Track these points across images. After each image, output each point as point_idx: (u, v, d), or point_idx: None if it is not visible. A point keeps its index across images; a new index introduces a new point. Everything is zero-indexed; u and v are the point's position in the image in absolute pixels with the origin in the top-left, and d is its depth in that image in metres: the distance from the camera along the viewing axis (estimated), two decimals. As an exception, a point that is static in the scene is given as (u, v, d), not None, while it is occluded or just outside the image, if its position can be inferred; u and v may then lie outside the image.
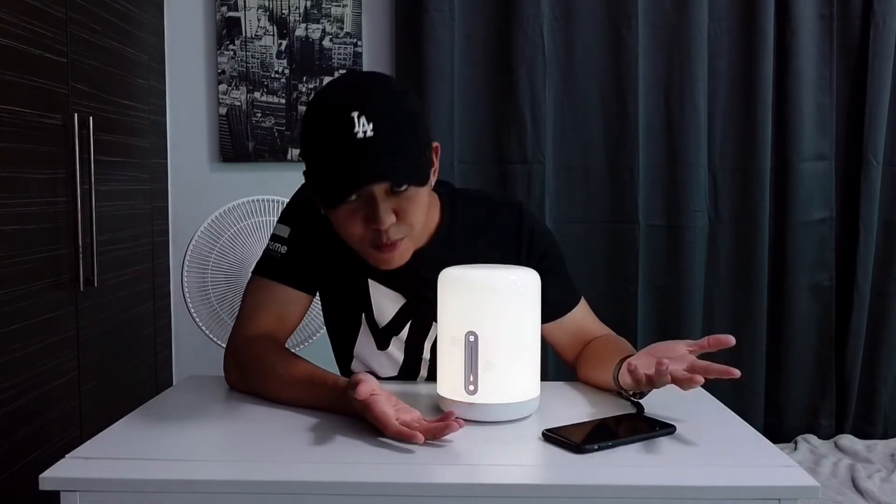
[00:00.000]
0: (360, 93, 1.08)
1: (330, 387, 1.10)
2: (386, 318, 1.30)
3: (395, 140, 1.08)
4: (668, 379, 1.02)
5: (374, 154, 1.06)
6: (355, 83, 1.14)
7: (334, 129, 1.06)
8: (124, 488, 0.87)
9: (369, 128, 1.05)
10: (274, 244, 1.29)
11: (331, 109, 1.08)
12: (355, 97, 1.07)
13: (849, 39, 2.41)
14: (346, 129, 1.05)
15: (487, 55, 2.41)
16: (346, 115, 1.05)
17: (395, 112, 1.09)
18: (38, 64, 1.70)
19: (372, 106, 1.06)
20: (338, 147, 1.06)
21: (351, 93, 1.09)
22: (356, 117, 1.05)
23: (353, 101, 1.06)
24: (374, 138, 1.05)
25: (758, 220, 2.41)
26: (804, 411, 2.46)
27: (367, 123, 1.05)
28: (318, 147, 1.10)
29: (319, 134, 1.10)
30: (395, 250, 1.16)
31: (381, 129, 1.05)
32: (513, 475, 0.90)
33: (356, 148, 1.05)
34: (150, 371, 2.36)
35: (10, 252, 1.60)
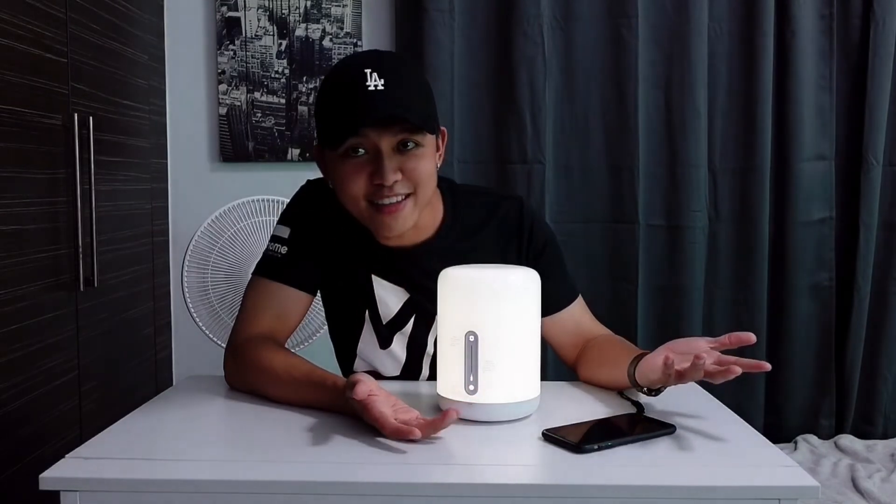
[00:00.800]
0: (374, 56, 1.17)
1: (329, 387, 1.10)
2: (390, 314, 1.31)
3: (404, 94, 1.14)
4: (702, 374, 1.01)
5: (384, 101, 1.11)
6: (371, 52, 1.22)
7: (348, 80, 1.13)
8: (124, 488, 0.87)
9: (381, 83, 1.11)
10: (274, 244, 1.29)
11: (347, 67, 1.16)
12: (370, 58, 1.16)
13: (849, 39, 2.41)
14: (359, 81, 1.11)
15: (487, 55, 2.41)
16: (360, 71, 1.12)
17: (406, 74, 1.16)
18: (38, 64, 1.70)
19: (386, 66, 1.13)
20: (349, 94, 1.12)
21: (366, 56, 1.18)
22: (369, 73, 1.11)
23: (368, 60, 1.14)
24: (385, 91, 1.11)
25: (758, 220, 2.41)
26: (804, 411, 2.46)
27: (378, 79, 1.11)
28: (330, 95, 1.17)
29: (333, 86, 1.17)
30: (399, 211, 1.18)
31: (392, 84, 1.12)
32: (513, 475, 0.90)
33: (367, 96, 1.11)
34: (150, 371, 2.36)
35: (10, 252, 1.60)
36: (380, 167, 1.14)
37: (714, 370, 1.01)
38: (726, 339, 1.06)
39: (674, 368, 1.03)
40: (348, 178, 1.17)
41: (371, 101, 1.11)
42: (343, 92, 1.14)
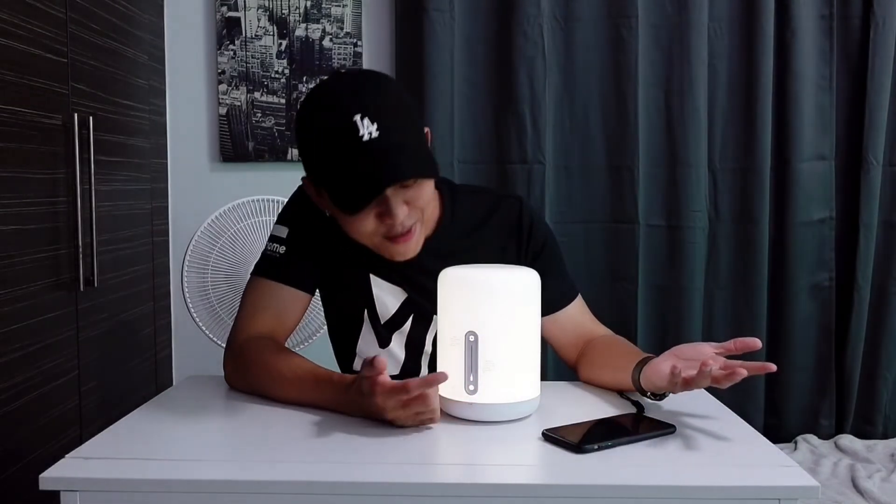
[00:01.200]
0: (357, 93, 1.09)
1: (335, 384, 1.10)
2: (388, 313, 1.31)
3: (400, 137, 1.09)
4: (709, 380, 1.01)
5: (384, 154, 1.07)
6: (349, 83, 1.13)
7: (339, 134, 1.07)
8: (124, 488, 0.87)
9: (374, 128, 1.06)
10: (272, 244, 1.30)
11: (331, 113, 1.08)
12: (354, 99, 1.08)
13: (849, 39, 2.41)
14: (351, 133, 1.06)
15: (487, 55, 2.41)
16: (348, 120, 1.06)
17: (394, 108, 1.10)
18: (38, 64, 1.70)
19: (373, 106, 1.07)
20: (346, 153, 1.07)
21: (349, 94, 1.09)
22: (359, 120, 1.06)
23: (353, 103, 1.07)
24: (380, 138, 1.06)
25: (758, 220, 2.41)
26: (804, 411, 2.46)
27: (370, 124, 1.06)
28: (326, 155, 1.11)
29: (324, 140, 1.10)
30: (411, 238, 1.18)
31: (385, 127, 1.07)
32: (513, 475, 0.90)
33: (365, 152, 1.06)
34: (150, 371, 2.36)
35: (10, 252, 1.60)
36: (389, 210, 1.12)
37: (720, 375, 1.00)
38: (731, 345, 1.06)
39: (681, 377, 1.02)
40: (357, 223, 1.15)
41: (373, 158, 1.06)
42: (339, 152, 1.07)
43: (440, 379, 0.99)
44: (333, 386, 1.10)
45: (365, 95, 1.08)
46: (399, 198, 1.13)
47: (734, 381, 0.99)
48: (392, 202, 1.12)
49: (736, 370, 0.98)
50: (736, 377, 0.98)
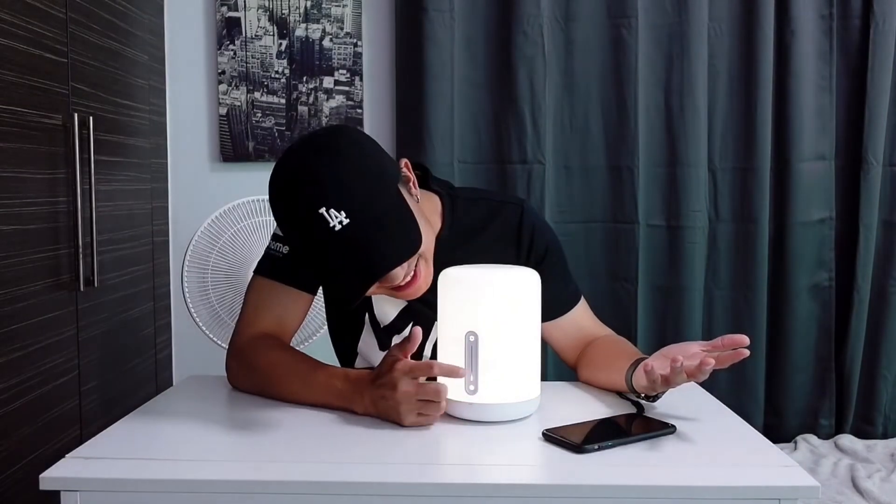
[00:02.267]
0: (318, 182, 1.04)
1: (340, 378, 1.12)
2: (387, 319, 1.31)
3: (373, 217, 1.05)
4: (684, 377, 1.02)
5: (362, 243, 1.04)
6: (309, 167, 1.07)
7: (310, 229, 1.04)
8: (124, 488, 0.87)
9: (342, 216, 1.02)
10: (275, 244, 1.29)
11: (299, 208, 1.05)
12: (316, 190, 1.04)
13: (849, 39, 2.41)
14: (321, 226, 1.03)
15: (487, 55, 2.41)
16: (314, 214, 1.02)
17: (359, 186, 1.05)
18: (38, 64, 1.70)
19: (335, 194, 1.03)
20: (322, 248, 1.05)
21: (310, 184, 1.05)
22: (325, 212, 1.02)
23: (316, 196, 1.03)
24: (352, 224, 1.02)
25: (758, 220, 2.41)
26: (804, 411, 2.46)
27: (337, 213, 1.02)
28: (304, 248, 1.09)
29: (298, 234, 1.08)
30: (417, 280, 1.14)
31: (355, 213, 1.03)
32: (513, 475, 0.90)
33: (339, 242, 1.03)
34: (150, 371, 2.36)
35: (10, 252, 1.60)
36: (387, 278, 1.09)
37: (692, 369, 1.02)
38: (719, 342, 1.07)
39: (657, 374, 1.04)
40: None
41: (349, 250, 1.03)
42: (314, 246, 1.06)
43: (461, 373, 1.03)
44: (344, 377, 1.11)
45: (327, 182, 1.04)
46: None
47: (705, 371, 1.01)
48: (388, 275, 1.09)
49: (704, 360, 1.00)
50: (705, 366, 1.00)
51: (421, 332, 1.05)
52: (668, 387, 1.07)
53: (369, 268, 1.05)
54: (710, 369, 1.01)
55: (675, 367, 1.02)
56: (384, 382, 1.04)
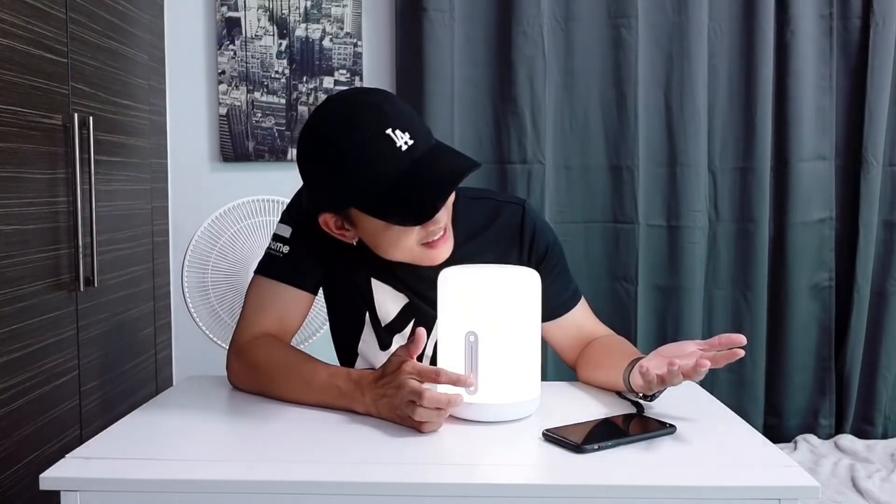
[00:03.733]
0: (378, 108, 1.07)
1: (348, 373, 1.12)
2: (389, 317, 1.31)
3: (433, 142, 1.11)
4: (680, 378, 1.03)
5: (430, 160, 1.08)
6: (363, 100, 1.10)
7: (376, 150, 1.05)
8: (124, 488, 0.87)
9: (407, 137, 1.06)
10: (276, 244, 1.29)
11: (360, 132, 1.06)
12: (378, 115, 1.06)
13: (849, 39, 2.41)
14: (388, 146, 1.05)
15: (487, 55, 2.41)
16: (381, 135, 1.05)
17: (415, 116, 1.12)
18: (38, 64, 1.70)
19: (397, 118, 1.07)
20: (391, 167, 1.06)
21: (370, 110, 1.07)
22: (391, 132, 1.06)
23: (379, 120, 1.06)
24: (416, 145, 1.07)
25: (758, 220, 2.41)
26: (804, 411, 2.46)
27: (402, 134, 1.06)
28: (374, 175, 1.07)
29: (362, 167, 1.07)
30: (447, 240, 1.18)
31: (417, 136, 1.07)
32: (513, 475, 0.90)
33: (408, 160, 1.06)
34: (150, 371, 2.36)
35: (10, 252, 1.60)
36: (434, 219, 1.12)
37: (688, 370, 1.02)
38: (716, 341, 1.07)
39: (653, 374, 1.05)
40: (402, 234, 1.14)
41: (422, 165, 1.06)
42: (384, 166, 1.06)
43: (469, 381, 1.02)
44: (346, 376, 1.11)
45: (385, 106, 1.08)
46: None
47: (700, 372, 1.01)
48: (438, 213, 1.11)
49: (699, 361, 1.00)
50: (700, 367, 1.00)
51: (425, 334, 1.05)
52: (665, 387, 1.07)
53: (446, 177, 1.07)
54: (706, 370, 1.01)
55: (672, 369, 1.02)
56: (389, 382, 1.04)
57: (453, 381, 1.02)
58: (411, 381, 1.01)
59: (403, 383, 1.02)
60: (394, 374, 1.04)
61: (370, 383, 1.07)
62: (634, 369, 1.12)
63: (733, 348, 1.03)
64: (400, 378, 1.02)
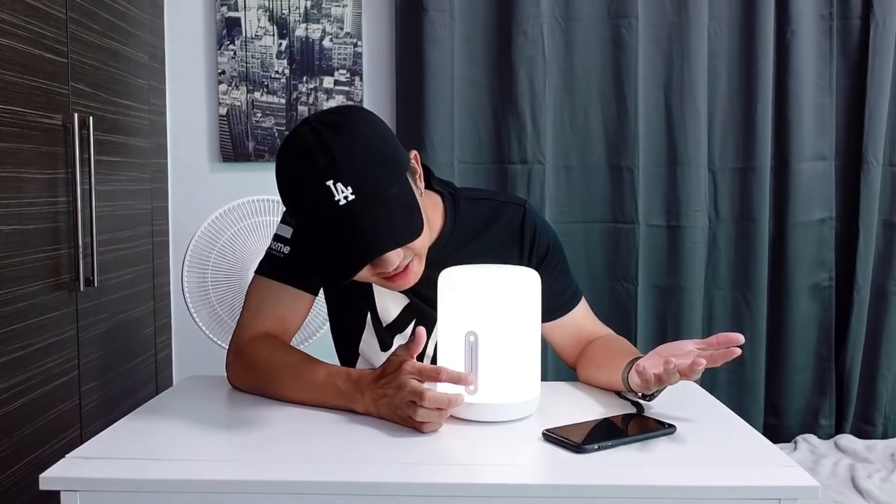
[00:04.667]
0: (329, 156, 1.03)
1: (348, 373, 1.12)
2: (390, 318, 1.31)
3: (378, 197, 1.04)
4: (677, 377, 1.03)
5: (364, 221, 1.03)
6: (323, 141, 1.05)
7: (314, 201, 1.03)
8: (124, 488, 0.87)
9: (349, 192, 1.02)
10: (276, 244, 1.29)
11: (307, 179, 1.04)
12: (327, 163, 1.03)
13: (849, 39, 2.41)
14: (326, 198, 1.02)
15: (487, 55, 2.41)
16: (322, 186, 1.02)
17: (369, 166, 1.05)
18: (38, 64, 1.70)
19: (346, 170, 1.02)
20: (322, 221, 1.04)
21: (321, 157, 1.03)
22: (332, 185, 1.02)
23: (326, 169, 1.02)
24: (357, 201, 1.02)
25: (758, 220, 2.41)
26: (804, 411, 2.46)
27: (344, 189, 1.02)
28: (306, 223, 1.09)
29: (302, 205, 1.07)
30: (409, 275, 1.14)
31: (361, 191, 1.03)
32: (513, 475, 0.90)
33: (341, 217, 1.03)
34: (150, 371, 2.36)
35: (10, 252, 1.60)
36: (380, 263, 1.08)
37: (685, 369, 1.02)
38: (713, 340, 1.07)
39: (650, 374, 1.05)
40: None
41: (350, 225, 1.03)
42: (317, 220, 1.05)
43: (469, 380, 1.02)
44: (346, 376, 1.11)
45: (337, 155, 1.03)
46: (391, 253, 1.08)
47: (696, 371, 1.01)
48: (384, 258, 1.08)
49: (695, 360, 1.00)
50: (696, 366, 1.00)
51: (425, 333, 1.05)
52: (663, 386, 1.07)
53: (366, 245, 1.05)
54: (702, 369, 1.01)
55: (669, 368, 1.02)
56: (389, 382, 1.04)
57: (454, 380, 1.02)
58: (412, 382, 1.01)
59: (404, 383, 1.02)
60: (394, 374, 1.03)
61: (370, 383, 1.07)
62: (632, 369, 1.12)
63: (731, 347, 1.03)
64: (400, 378, 1.02)
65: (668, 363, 1.02)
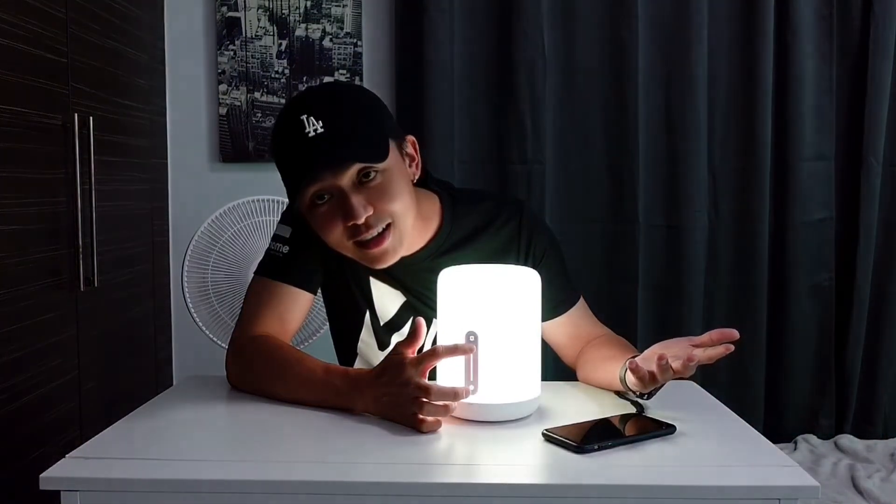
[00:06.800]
0: (309, 97, 1.17)
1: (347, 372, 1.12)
2: (388, 315, 1.32)
3: (345, 130, 1.12)
4: (670, 373, 1.02)
5: (329, 144, 1.10)
6: (310, 90, 1.22)
7: (288, 133, 1.13)
8: (124, 488, 0.87)
9: (318, 125, 1.10)
10: (276, 244, 1.30)
11: (284, 117, 1.15)
12: (304, 101, 1.14)
13: (849, 39, 2.41)
14: (297, 130, 1.11)
15: (487, 55, 2.40)
16: (295, 119, 1.11)
17: (344, 107, 1.14)
18: (38, 64, 1.70)
19: (319, 106, 1.12)
20: (292, 147, 1.12)
21: (302, 99, 1.16)
22: (305, 119, 1.10)
23: (301, 105, 1.13)
24: (325, 133, 1.10)
25: (758, 220, 2.41)
26: (804, 411, 2.46)
27: (315, 122, 1.10)
28: (278, 151, 1.17)
29: (278, 141, 1.17)
30: (383, 243, 1.16)
31: (330, 122, 1.11)
32: (513, 475, 0.90)
33: (308, 145, 1.10)
34: (150, 371, 2.36)
35: (10, 252, 1.60)
36: (347, 208, 1.12)
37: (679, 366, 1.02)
38: (707, 338, 1.07)
39: (644, 371, 1.04)
40: (324, 226, 1.16)
41: (314, 147, 1.10)
42: (287, 144, 1.14)
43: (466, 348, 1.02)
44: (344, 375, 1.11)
45: (316, 98, 1.16)
46: (360, 196, 1.13)
47: (690, 367, 1.01)
48: (351, 199, 1.12)
49: (689, 355, 1.01)
50: (690, 361, 1.00)
51: (424, 324, 1.05)
52: (657, 383, 1.06)
53: (328, 159, 1.10)
54: (696, 364, 1.01)
55: (662, 364, 1.02)
56: (391, 380, 1.03)
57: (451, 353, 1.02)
58: (416, 378, 1.01)
59: (408, 380, 1.01)
60: (396, 372, 1.03)
61: (370, 382, 1.07)
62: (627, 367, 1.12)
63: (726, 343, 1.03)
64: (404, 375, 1.02)
65: (660, 359, 1.02)
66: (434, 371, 1.14)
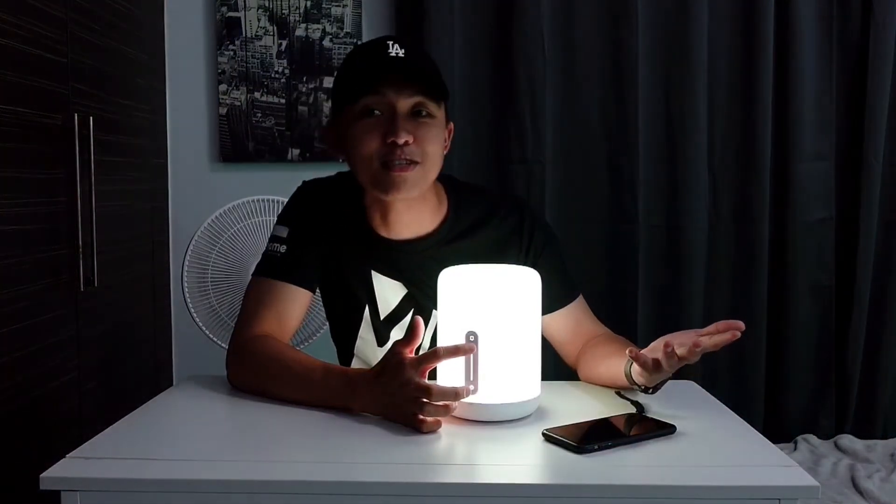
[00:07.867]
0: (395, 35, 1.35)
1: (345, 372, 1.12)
2: (389, 308, 1.32)
3: (423, 63, 1.22)
4: (675, 360, 1.03)
5: (404, 65, 1.19)
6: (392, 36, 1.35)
7: (370, 48, 1.22)
8: (124, 488, 0.87)
9: (401, 52, 1.19)
10: (273, 245, 1.30)
11: (370, 41, 1.26)
12: (391, 36, 1.27)
13: (849, 39, 2.41)
14: (381, 49, 1.19)
15: (487, 55, 2.40)
16: (381, 42, 1.21)
17: (424, 52, 1.28)
18: (38, 64, 1.70)
19: (405, 41, 1.22)
20: (371, 58, 1.20)
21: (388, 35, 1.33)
22: (391, 44, 1.19)
23: (389, 36, 1.23)
24: (405, 58, 1.19)
25: (758, 221, 2.41)
26: (804, 411, 2.46)
27: (399, 49, 1.19)
28: (352, 60, 1.24)
29: (355, 54, 1.25)
30: (408, 171, 1.19)
31: (412, 54, 1.20)
32: (513, 475, 0.90)
33: (387, 60, 1.18)
34: (150, 371, 2.36)
35: (10, 252, 1.60)
36: (394, 125, 1.17)
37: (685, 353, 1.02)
38: (713, 328, 1.07)
39: (648, 358, 1.05)
40: (363, 137, 1.19)
41: (391, 63, 1.18)
42: (364, 57, 1.22)
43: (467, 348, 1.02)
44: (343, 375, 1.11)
45: (403, 38, 1.25)
46: (408, 123, 1.18)
47: (696, 353, 1.01)
48: (400, 119, 1.17)
49: (695, 341, 1.01)
50: (696, 347, 1.01)
51: (422, 323, 1.05)
52: (661, 372, 1.06)
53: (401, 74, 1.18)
54: (702, 351, 1.01)
55: (668, 351, 1.02)
56: (391, 380, 1.03)
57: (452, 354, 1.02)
58: (416, 378, 1.01)
59: (408, 380, 1.01)
60: (396, 372, 1.03)
61: (369, 381, 1.07)
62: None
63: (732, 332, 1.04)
64: (404, 375, 1.02)
65: (667, 346, 1.02)
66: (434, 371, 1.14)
